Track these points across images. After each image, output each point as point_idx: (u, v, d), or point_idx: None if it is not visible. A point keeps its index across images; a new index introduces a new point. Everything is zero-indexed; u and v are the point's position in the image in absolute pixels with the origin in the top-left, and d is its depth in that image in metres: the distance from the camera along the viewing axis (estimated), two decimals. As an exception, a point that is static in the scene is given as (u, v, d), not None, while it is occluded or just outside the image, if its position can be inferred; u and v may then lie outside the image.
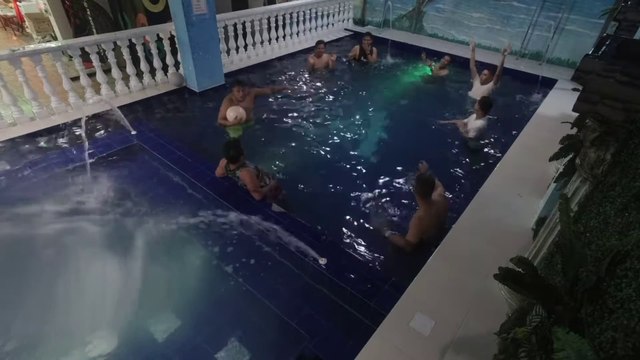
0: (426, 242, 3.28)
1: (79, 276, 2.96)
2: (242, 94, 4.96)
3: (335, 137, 5.10)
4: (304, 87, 6.49)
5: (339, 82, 6.73)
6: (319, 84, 6.62)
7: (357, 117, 5.68)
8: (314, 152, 4.79)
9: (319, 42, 6.84)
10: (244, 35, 7.17)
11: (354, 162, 4.57)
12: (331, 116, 5.63)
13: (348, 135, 5.18)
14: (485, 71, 6.00)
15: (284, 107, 5.74)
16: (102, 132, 4.89)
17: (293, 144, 4.90)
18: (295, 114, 5.59)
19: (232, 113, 4.85)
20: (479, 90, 6.00)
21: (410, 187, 3.96)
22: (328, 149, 4.86)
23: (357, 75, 7.22)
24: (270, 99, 5.97)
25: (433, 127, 5.40)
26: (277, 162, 4.50)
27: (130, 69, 5.71)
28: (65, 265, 3.03)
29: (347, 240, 3.39)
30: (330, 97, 6.21)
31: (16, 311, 2.75)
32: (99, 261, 3.10)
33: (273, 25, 7.62)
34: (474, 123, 4.92)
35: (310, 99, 6.05)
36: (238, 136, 4.84)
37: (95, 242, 3.27)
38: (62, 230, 3.33)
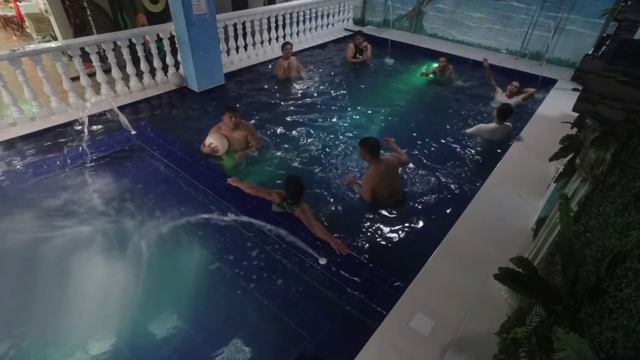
0: (381, 202, 3.71)
1: (79, 277, 2.95)
2: (235, 121, 4.25)
3: (335, 139, 5.09)
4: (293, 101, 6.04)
5: (332, 87, 6.68)
6: (303, 93, 6.37)
7: (357, 116, 5.68)
8: (314, 154, 4.77)
9: (286, 43, 6.46)
10: (244, 35, 7.17)
11: (354, 161, 4.57)
12: (328, 119, 5.63)
13: (349, 136, 5.17)
14: (515, 83, 5.87)
15: (282, 114, 5.72)
16: (102, 132, 4.88)
17: (291, 149, 4.86)
18: (291, 120, 5.58)
19: (209, 140, 4.26)
20: (504, 101, 5.83)
21: None
22: (328, 150, 4.85)
23: (355, 77, 7.22)
24: (272, 101, 5.96)
25: (441, 137, 5.40)
26: (276, 166, 4.49)
27: (130, 69, 5.71)
28: (65, 266, 3.02)
29: (347, 240, 3.39)
30: (328, 102, 6.21)
31: (16, 313, 2.75)
32: (99, 262, 3.10)
33: (273, 25, 7.62)
34: (485, 125, 4.98)
35: (304, 109, 6.02)
36: (232, 166, 4.40)
37: (95, 243, 3.26)
38: (62, 231, 3.33)
